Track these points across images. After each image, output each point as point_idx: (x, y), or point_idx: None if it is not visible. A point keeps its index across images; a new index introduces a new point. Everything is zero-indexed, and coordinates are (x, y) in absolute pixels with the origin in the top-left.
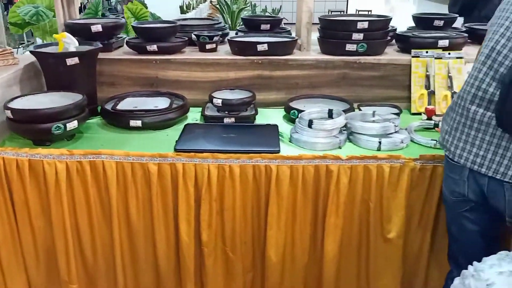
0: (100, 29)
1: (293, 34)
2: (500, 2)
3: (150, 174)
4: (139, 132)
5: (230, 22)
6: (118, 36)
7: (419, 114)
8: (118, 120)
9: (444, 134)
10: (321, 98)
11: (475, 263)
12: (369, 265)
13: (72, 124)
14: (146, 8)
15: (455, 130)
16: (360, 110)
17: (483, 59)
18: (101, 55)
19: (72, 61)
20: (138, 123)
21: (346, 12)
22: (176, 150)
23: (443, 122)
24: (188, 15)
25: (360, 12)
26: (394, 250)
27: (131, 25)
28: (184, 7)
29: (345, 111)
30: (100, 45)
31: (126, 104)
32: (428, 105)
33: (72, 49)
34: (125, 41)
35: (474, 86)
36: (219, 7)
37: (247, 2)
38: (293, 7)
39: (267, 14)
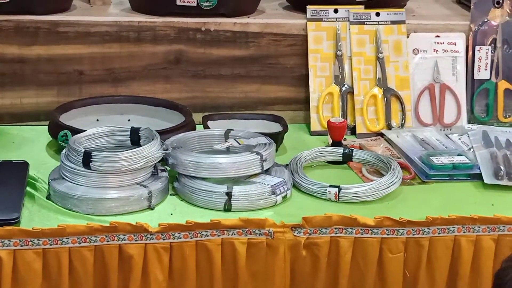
0: None
1: None
2: None
3: None
4: None
5: None
6: None
7: (326, 133)
8: None
9: None
10: (133, 103)
11: None
12: None
13: None
14: None
15: None
16: (207, 128)
17: None
18: None
19: None
20: None
21: None
22: None
23: None
24: None
25: None
26: None
27: None
28: None
29: (167, 132)
30: None
31: None
32: (339, 115)
33: None
34: None
35: None
36: None
37: None
38: None
39: None
